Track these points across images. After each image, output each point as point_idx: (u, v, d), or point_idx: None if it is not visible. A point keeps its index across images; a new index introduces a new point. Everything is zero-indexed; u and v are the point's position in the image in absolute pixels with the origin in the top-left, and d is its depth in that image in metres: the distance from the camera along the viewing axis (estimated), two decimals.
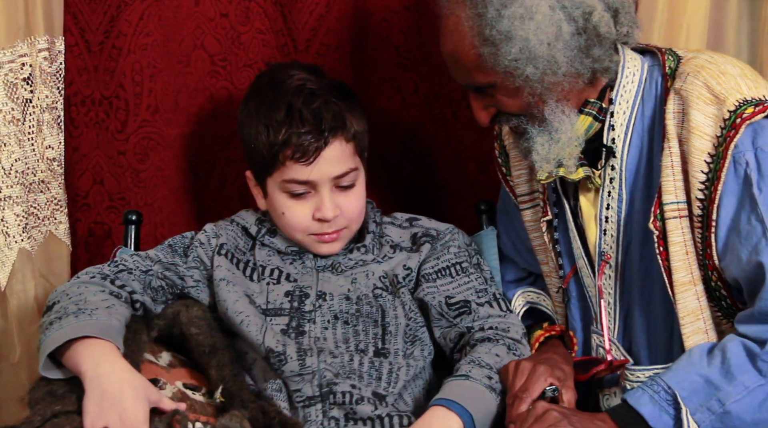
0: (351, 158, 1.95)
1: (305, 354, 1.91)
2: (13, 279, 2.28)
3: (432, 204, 2.32)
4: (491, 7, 1.71)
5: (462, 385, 1.80)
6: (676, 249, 1.75)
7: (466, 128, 2.28)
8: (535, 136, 1.79)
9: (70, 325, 1.78)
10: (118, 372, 1.73)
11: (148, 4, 2.27)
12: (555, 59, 1.72)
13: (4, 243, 2.26)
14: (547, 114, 1.77)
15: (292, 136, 1.90)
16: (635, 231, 1.83)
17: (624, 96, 1.81)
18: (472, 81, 1.79)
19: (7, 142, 2.24)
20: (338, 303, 1.97)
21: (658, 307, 1.83)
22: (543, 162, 1.80)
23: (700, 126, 1.72)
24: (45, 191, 2.30)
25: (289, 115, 1.92)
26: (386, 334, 1.95)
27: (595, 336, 1.92)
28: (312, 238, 1.98)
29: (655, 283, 1.82)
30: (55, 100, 2.29)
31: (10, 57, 2.23)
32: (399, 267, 1.99)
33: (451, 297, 1.96)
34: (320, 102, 1.92)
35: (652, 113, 1.81)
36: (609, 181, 1.83)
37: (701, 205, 1.72)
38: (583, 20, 1.71)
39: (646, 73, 1.83)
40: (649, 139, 1.82)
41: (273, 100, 1.94)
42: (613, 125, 1.81)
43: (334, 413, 1.87)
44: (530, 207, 2.02)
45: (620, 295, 1.88)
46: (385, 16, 2.26)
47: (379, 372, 1.92)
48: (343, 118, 1.93)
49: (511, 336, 1.91)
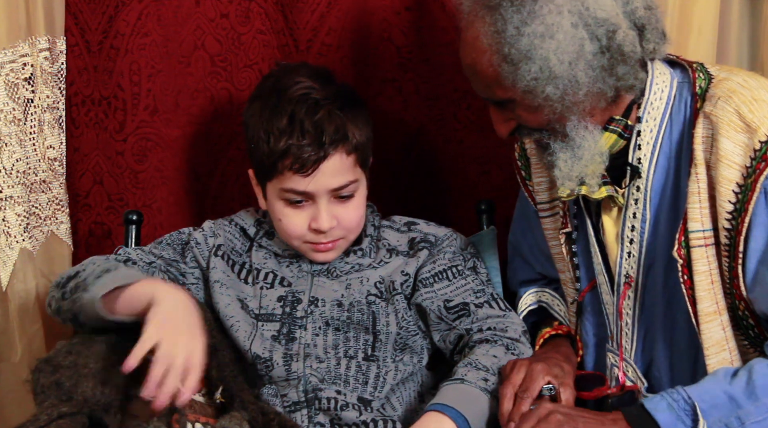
0: (351, 170, 1.92)
1: (291, 359, 1.92)
2: (14, 279, 2.29)
3: (433, 205, 2.32)
4: (510, 25, 1.64)
5: (457, 389, 1.80)
6: (701, 278, 1.69)
7: (466, 129, 2.28)
8: (557, 152, 1.73)
9: (112, 278, 1.80)
10: (184, 300, 1.78)
11: (146, 4, 2.28)
12: (576, 79, 1.65)
13: (6, 243, 2.26)
14: (569, 130, 1.71)
15: (291, 147, 1.88)
16: (659, 254, 1.77)
17: (651, 113, 1.75)
18: (491, 95, 1.73)
19: (8, 142, 2.24)
20: (330, 309, 1.96)
21: (682, 333, 1.78)
22: (565, 179, 1.74)
23: (729, 154, 1.65)
24: (46, 191, 2.31)
25: (291, 125, 1.89)
26: (377, 342, 1.95)
27: (610, 355, 1.88)
28: (308, 246, 1.97)
29: (679, 309, 1.76)
30: (56, 100, 2.30)
31: (12, 57, 2.24)
32: (396, 273, 1.98)
33: (450, 301, 1.96)
34: (323, 113, 1.89)
35: (680, 134, 1.74)
36: (633, 201, 1.77)
37: (728, 234, 1.66)
38: (606, 39, 1.64)
39: (675, 90, 1.75)
40: (676, 160, 1.75)
41: (276, 106, 1.91)
42: (640, 144, 1.75)
43: (320, 419, 1.89)
44: (550, 215, 1.96)
45: (639, 316, 1.83)
46: (385, 16, 2.26)
47: (365, 376, 1.93)
48: (345, 131, 1.90)
49: (509, 335, 1.90)
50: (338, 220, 1.93)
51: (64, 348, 1.82)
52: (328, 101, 1.90)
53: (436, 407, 1.76)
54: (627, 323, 1.83)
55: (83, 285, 1.84)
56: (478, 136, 2.26)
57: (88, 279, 1.85)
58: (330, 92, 1.92)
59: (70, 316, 1.87)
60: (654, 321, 1.81)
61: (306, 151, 1.87)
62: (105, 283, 1.79)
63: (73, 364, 1.78)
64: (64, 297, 1.88)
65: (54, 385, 1.75)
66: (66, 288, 1.88)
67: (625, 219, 1.79)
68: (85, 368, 1.77)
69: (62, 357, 1.80)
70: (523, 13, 1.63)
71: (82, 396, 1.73)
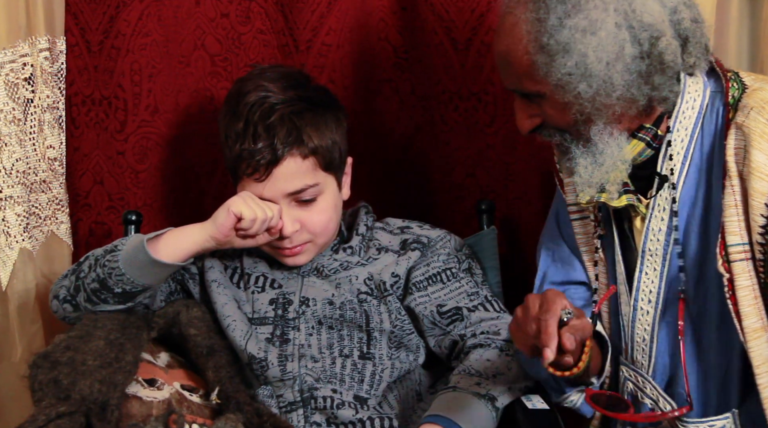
0: (310, 174, 1.92)
1: (286, 359, 1.93)
2: (14, 279, 2.29)
3: (429, 205, 2.32)
4: (553, 15, 1.59)
5: (450, 398, 1.80)
6: (745, 293, 1.62)
7: (452, 132, 2.27)
8: (577, 157, 1.68)
9: (140, 236, 1.90)
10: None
11: (147, 4, 2.28)
12: (611, 80, 1.60)
13: (6, 243, 2.26)
14: (592, 134, 1.66)
15: (244, 152, 1.90)
16: (688, 268, 1.72)
17: (683, 123, 1.69)
18: (520, 86, 1.67)
19: (8, 142, 2.24)
20: (321, 308, 1.96)
21: (713, 350, 1.72)
22: (585, 186, 1.69)
23: (762, 167, 1.60)
24: (46, 191, 2.31)
25: (245, 130, 1.91)
26: (371, 339, 1.95)
27: (623, 368, 1.83)
28: (276, 251, 1.98)
29: (710, 325, 1.71)
30: (56, 100, 2.30)
31: (11, 57, 2.24)
32: (386, 273, 1.97)
33: (443, 306, 1.95)
34: (276, 117, 1.90)
35: (711, 146, 1.69)
36: (659, 212, 1.72)
37: (762, 249, 1.61)
38: (648, 44, 1.59)
39: (708, 100, 1.70)
40: (707, 172, 1.70)
41: (234, 111, 1.94)
42: (671, 154, 1.69)
43: (316, 418, 1.89)
44: (579, 218, 1.89)
45: (660, 332, 1.77)
46: (382, 16, 2.25)
47: (361, 375, 1.93)
48: (299, 134, 1.90)
49: (502, 337, 1.90)
50: (302, 224, 1.93)
51: (63, 343, 1.82)
52: (284, 105, 1.91)
53: (429, 419, 1.77)
54: (644, 338, 1.78)
55: (110, 252, 1.89)
56: (463, 140, 2.26)
57: (118, 246, 1.89)
58: (289, 96, 1.93)
59: (92, 289, 1.89)
60: (677, 336, 1.74)
61: (257, 154, 1.89)
62: (139, 238, 1.88)
63: (70, 361, 1.78)
64: (81, 275, 1.91)
65: (52, 383, 1.75)
66: (81, 269, 1.92)
67: (648, 232, 1.74)
68: (82, 365, 1.77)
69: (60, 353, 1.80)
70: (568, 5, 1.59)
71: (79, 394, 1.73)
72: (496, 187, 2.28)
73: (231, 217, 1.87)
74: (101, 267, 1.88)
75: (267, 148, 1.88)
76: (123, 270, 1.86)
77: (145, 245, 1.85)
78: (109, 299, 1.90)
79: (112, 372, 1.77)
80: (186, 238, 1.90)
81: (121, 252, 1.87)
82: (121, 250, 1.88)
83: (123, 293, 1.89)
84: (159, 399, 1.81)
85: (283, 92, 1.93)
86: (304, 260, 1.98)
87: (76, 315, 1.94)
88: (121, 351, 1.83)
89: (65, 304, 1.94)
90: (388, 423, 1.88)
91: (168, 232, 1.91)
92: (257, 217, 1.87)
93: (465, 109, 2.25)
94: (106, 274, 1.87)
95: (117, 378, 1.77)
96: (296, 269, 2.01)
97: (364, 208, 2.08)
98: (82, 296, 1.91)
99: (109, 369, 1.78)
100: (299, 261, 1.98)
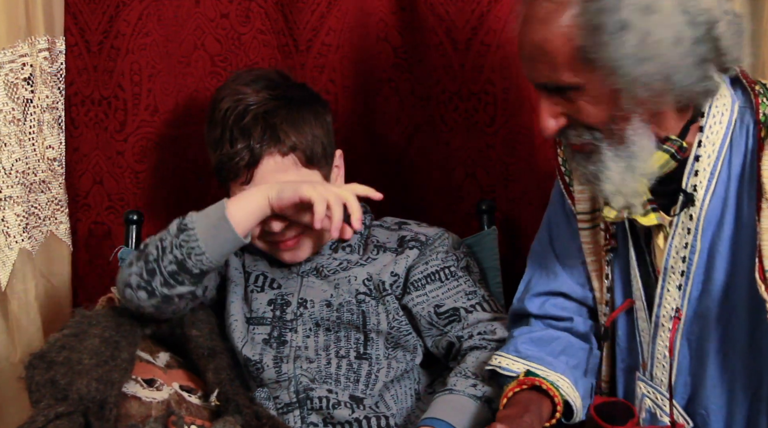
0: (292, 171, 1.92)
1: (281, 361, 1.93)
2: (13, 279, 2.29)
3: (429, 205, 2.31)
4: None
5: (446, 400, 1.80)
6: None
7: (452, 132, 2.27)
8: (608, 161, 1.59)
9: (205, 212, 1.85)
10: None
11: (147, 5, 2.28)
12: (672, 63, 1.51)
13: (5, 243, 2.26)
14: (628, 133, 1.57)
15: (224, 157, 1.91)
16: (713, 288, 1.66)
17: (710, 138, 1.63)
18: (555, 79, 1.57)
19: (7, 142, 2.24)
20: (319, 310, 1.96)
21: (738, 373, 1.67)
22: (617, 194, 1.60)
23: None
24: (46, 191, 2.31)
25: (222, 136, 1.92)
26: (368, 340, 1.95)
27: (641, 385, 1.77)
28: (272, 247, 1.97)
29: (735, 346, 1.66)
30: (55, 100, 2.30)
31: (11, 57, 2.24)
32: (385, 273, 1.97)
33: (440, 306, 1.95)
34: (249, 118, 1.91)
35: (742, 164, 1.62)
36: (684, 230, 1.65)
37: None
38: (705, 29, 1.52)
39: (737, 115, 1.63)
40: (737, 191, 1.63)
41: (211, 118, 1.96)
42: (697, 170, 1.63)
43: (312, 419, 1.89)
44: (590, 228, 1.82)
45: (683, 350, 1.71)
46: (382, 17, 2.25)
47: (357, 374, 1.93)
48: (275, 132, 1.90)
49: (498, 338, 1.90)
50: (291, 220, 1.92)
51: (58, 343, 1.82)
52: (257, 106, 1.92)
53: (426, 422, 1.77)
54: (665, 355, 1.72)
55: (182, 231, 1.83)
56: (463, 140, 2.26)
57: (186, 225, 1.83)
58: (262, 97, 1.93)
59: (170, 271, 1.83)
60: (705, 357, 1.70)
61: (236, 157, 1.90)
62: (214, 211, 1.83)
63: (66, 360, 1.78)
64: (151, 258, 1.85)
65: (49, 383, 1.75)
66: (147, 253, 1.86)
67: (671, 249, 1.67)
68: (79, 364, 1.77)
69: (55, 352, 1.80)
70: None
71: (77, 393, 1.73)
72: (496, 187, 2.27)
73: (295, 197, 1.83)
74: (177, 248, 1.82)
75: (244, 149, 1.89)
76: (203, 249, 1.81)
77: (227, 216, 1.80)
78: (186, 281, 1.84)
79: (109, 370, 1.78)
80: (248, 203, 1.85)
81: (195, 231, 1.82)
82: (192, 229, 1.82)
83: (200, 273, 1.84)
84: (158, 399, 1.81)
85: (257, 94, 1.94)
86: (303, 255, 1.98)
87: (150, 302, 1.87)
88: (116, 348, 1.83)
89: (140, 291, 1.87)
90: (385, 422, 1.88)
91: (225, 202, 1.84)
92: (329, 200, 1.82)
93: (465, 109, 2.25)
94: (185, 255, 1.82)
95: (113, 376, 1.77)
96: (295, 268, 2.00)
97: (362, 207, 2.07)
98: (158, 280, 1.85)
99: (106, 368, 1.78)
100: (298, 257, 1.98)
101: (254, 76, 1.98)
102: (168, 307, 1.89)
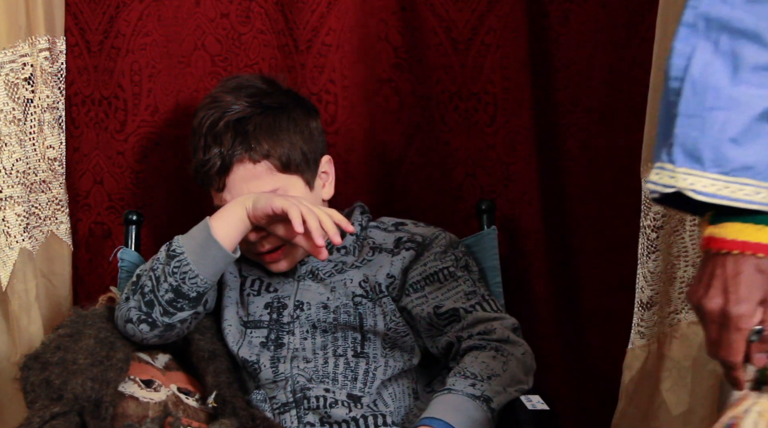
0: (266, 178, 1.92)
1: (278, 361, 1.93)
2: (14, 279, 2.28)
3: (429, 205, 2.31)
4: None
5: (444, 400, 1.80)
6: None
7: (452, 132, 2.27)
8: None
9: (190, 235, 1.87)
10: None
11: (147, 4, 2.28)
12: None
13: (5, 243, 2.26)
14: None
15: (199, 165, 1.93)
16: None
17: None
18: None
19: (8, 142, 2.24)
20: (316, 312, 1.96)
21: None
22: None
23: None
24: (46, 191, 2.30)
25: (197, 143, 1.94)
26: (365, 340, 1.95)
27: None
28: (258, 258, 1.98)
29: None
30: (56, 100, 2.30)
31: (11, 57, 2.24)
32: (381, 274, 1.97)
33: (440, 307, 1.94)
34: (222, 125, 1.92)
35: None
36: None
37: None
38: None
39: None
40: None
41: (193, 127, 1.98)
42: None
43: (309, 418, 1.89)
44: None
45: None
46: (383, 17, 2.25)
47: (354, 373, 1.93)
48: (246, 139, 1.91)
49: (497, 337, 1.89)
50: (268, 232, 1.92)
51: (52, 344, 1.82)
52: (231, 113, 1.92)
53: (424, 421, 1.77)
54: None
55: (171, 258, 1.83)
56: (463, 140, 2.26)
57: (174, 250, 1.84)
58: (240, 104, 1.94)
59: (168, 300, 1.84)
60: None
61: (208, 165, 1.91)
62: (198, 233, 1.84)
63: (61, 361, 1.78)
64: (146, 290, 1.85)
65: (44, 383, 1.75)
66: (142, 285, 1.86)
67: None
68: (73, 364, 1.77)
69: (50, 353, 1.80)
70: None
71: (72, 393, 1.73)
72: (496, 187, 2.27)
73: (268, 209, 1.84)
74: (170, 275, 1.84)
75: (216, 156, 1.91)
76: (196, 272, 1.83)
77: (212, 235, 1.81)
78: (185, 306, 1.86)
79: (104, 369, 1.78)
80: (229, 216, 1.86)
81: (185, 255, 1.83)
82: (182, 254, 1.84)
83: (198, 296, 1.86)
84: (155, 400, 1.81)
85: (236, 101, 1.95)
86: (286, 266, 1.98)
87: (153, 333, 1.89)
88: (111, 348, 1.83)
89: (141, 325, 1.88)
90: (382, 420, 1.88)
91: (209, 220, 1.85)
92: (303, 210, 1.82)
93: (465, 109, 2.25)
94: (179, 281, 1.83)
95: (109, 375, 1.77)
96: (291, 272, 2.00)
97: (360, 208, 2.08)
98: (158, 311, 1.86)
99: (101, 367, 1.78)
100: (281, 267, 1.98)
101: (237, 84, 2.00)
102: (170, 334, 1.90)
